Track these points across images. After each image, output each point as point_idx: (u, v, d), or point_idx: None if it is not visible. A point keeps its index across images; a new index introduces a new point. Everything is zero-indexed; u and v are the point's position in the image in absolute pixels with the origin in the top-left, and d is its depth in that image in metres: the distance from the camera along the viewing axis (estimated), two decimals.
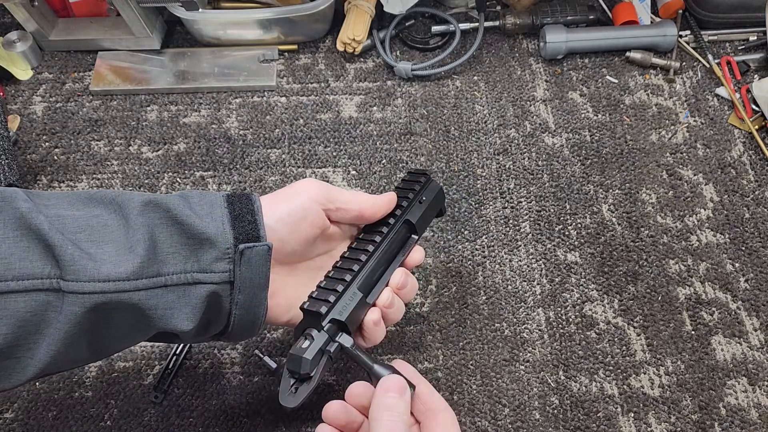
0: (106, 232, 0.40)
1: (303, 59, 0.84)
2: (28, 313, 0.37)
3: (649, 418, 0.60)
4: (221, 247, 0.42)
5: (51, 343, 0.38)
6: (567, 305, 0.65)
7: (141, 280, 0.39)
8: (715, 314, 0.65)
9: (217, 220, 0.43)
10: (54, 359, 0.39)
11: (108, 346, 0.43)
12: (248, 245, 0.42)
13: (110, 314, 0.40)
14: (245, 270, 0.43)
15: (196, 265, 0.42)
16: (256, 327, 0.46)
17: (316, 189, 0.47)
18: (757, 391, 0.61)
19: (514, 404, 0.60)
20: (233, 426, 0.59)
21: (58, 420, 0.60)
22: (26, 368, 0.39)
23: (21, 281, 0.36)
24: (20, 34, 0.82)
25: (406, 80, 0.82)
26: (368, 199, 0.49)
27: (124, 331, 0.42)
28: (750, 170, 0.74)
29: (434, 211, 0.55)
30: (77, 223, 0.40)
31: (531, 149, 0.76)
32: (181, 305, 0.41)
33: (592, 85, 0.81)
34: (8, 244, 0.37)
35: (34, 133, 0.78)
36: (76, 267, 0.37)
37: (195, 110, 0.80)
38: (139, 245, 0.40)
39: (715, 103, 0.79)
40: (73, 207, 0.41)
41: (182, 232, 0.42)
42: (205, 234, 0.42)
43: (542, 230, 0.70)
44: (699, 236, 0.70)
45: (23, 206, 0.38)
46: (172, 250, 0.41)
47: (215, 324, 0.45)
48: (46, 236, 0.37)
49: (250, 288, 0.43)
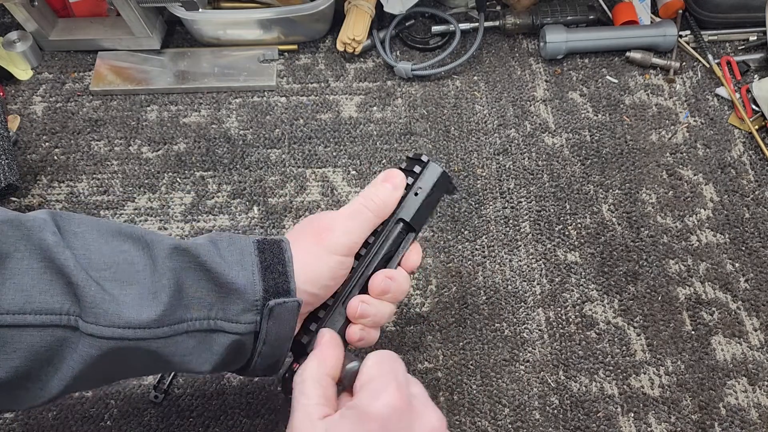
0: (131, 271, 0.39)
1: (303, 59, 0.84)
2: (42, 347, 0.36)
3: (649, 418, 0.60)
4: (250, 299, 0.41)
5: (62, 378, 0.38)
6: (567, 305, 0.65)
7: (162, 328, 0.39)
8: (715, 314, 0.65)
9: (247, 269, 0.41)
10: (64, 391, 0.39)
11: (119, 379, 0.43)
12: (278, 301, 0.41)
13: (126, 357, 0.39)
14: (272, 325, 0.42)
15: (221, 313, 0.41)
16: (276, 369, 0.46)
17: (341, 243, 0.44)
18: (757, 391, 0.61)
19: (514, 404, 0.60)
20: (233, 426, 0.59)
21: (58, 420, 0.60)
22: (36, 398, 0.38)
23: (39, 315, 0.36)
24: (20, 34, 0.82)
25: (406, 80, 0.82)
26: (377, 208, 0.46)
27: (138, 370, 0.42)
28: (750, 170, 0.74)
29: (436, 198, 0.50)
30: (103, 259, 0.39)
31: (531, 149, 0.76)
32: (200, 351, 0.41)
33: (592, 85, 0.81)
34: (31, 275, 0.36)
35: (34, 133, 0.78)
36: (97, 310, 0.37)
37: (195, 110, 0.80)
38: (164, 291, 0.39)
39: (715, 103, 0.79)
40: (102, 238, 0.40)
41: (210, 279, 0.41)
42: (234, 284, 0.41)
43: (542, 230, 0.70)
44: (699, 236, 0.70)
45: (50, 239, 0.37)
46: (198, 296, 0.40)
47: (234, 365, 0.45)
48: (70, 273, 0.36)
49: (276, 340, 0.43)
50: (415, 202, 0.48)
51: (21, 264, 0.36)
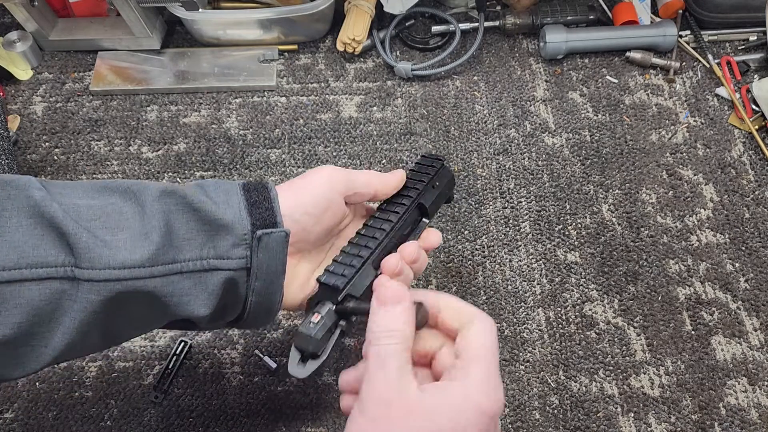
0: (121, 219, 0.40)
1: (303, 59, 0.84)
2: (42, 301, 0.37)
3: (649, 418, 0.60)
4: (238, 233, 0.42)
5: (65, 332, 0.38)
6: (567, 305, 0.65)
7: (156, 266, 0.39)
8: (715, 314, 0.65)
9: (234, 206, 0.42)
10: (68, 348, 0.39)
11: (122, 333, 0.43)
12: (266, 231, 0.42)
13: (126, 302, 0.39)
14: (262, 256, 0.42)
15: (212, 252, 0.41)
16: (272, 313, 0.46)
17: (337, 178, 0.47)
18: (757, 391, 0.61)
19: (514, 404, 0.60)
20: (233, 426, 0.59)
21: (58, 420, 0.60)
22: (40, 356, 0.38)
23: (35, 269, 0.36)
24: (20, 34, 0.82)
25: (406, 80, 0.82)
26: (380, 180, 0.49)
27: (139, 318, 0.42)
28: (750, 170, 0.74)
29: (445, 197, 0.55)
30: (92, 211, 0.39)
31: (531, 149, 0.76)
32: (197, 292, 0.41)
33: (592, 85, 0.81)
34: (22, 232, 0.37)
35: (34, 133, 0.78)
36: (91, 255, 0.37)
37: (195, 110, 0.80)
38: (155, 232, 0.39)
39: (715, 103, 0.79)
40: (88, 195, 0.41)
41: (198, 219, 0.41)
42: (222, 220, 0.41)
43: (542, 230, 0.70)
44: (699, 236, 0.70)
45: (37, 194, 0.38)
46: (188, 237, 0.41)
47: (231, 310, 0.45)
48: (60, 224, 0.37)
49: (267, 274, 0.43)
50: (433, 194, 0.53)
51: (10, 222, 0.37)
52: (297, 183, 0.46)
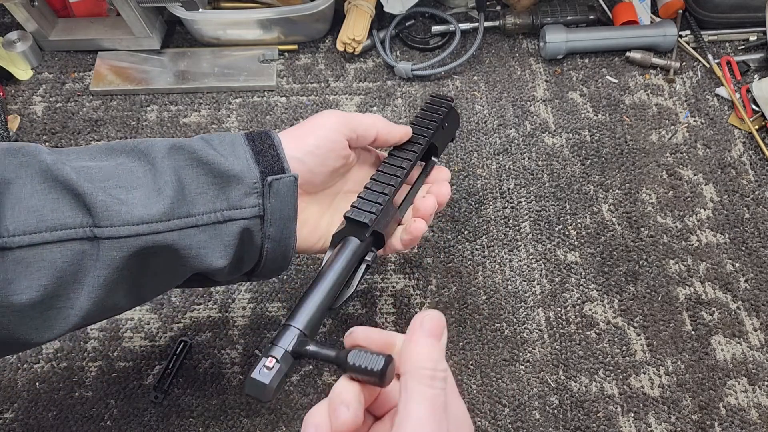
0: (133, 178, 0.40)
1: (303, 59, 0.84)
2: (65, 263, 0.37)
3: (649, 418, 0.60)
4: (248, 182, 0.43)
5: (91, 292, 0.38)
6: (567, 305, 0.65)
7: (173, 220, 0.40)
8: (715, 314, 0.65)
9: (241, 157, 0.43)
10: (94, 307, 0.39)
11: (146, 291, 0.43)
12: (275, 177, 0.43)
13: (146, 258, 0.40)
14: (274, 202, 0.43)
15: (225, 203, 0.42)
16: (287, 259, 0.47)
17: (339, 119, 0.48)
18: (757, 391, 0.61)
19: (514, 404, 0.60)
20: (233, 426, 0.59)
21: (58, 420, 0.60)
22: (68, 318, 0.39)
23: (55, 232, 0.37)
24: (20, 34, 0.82)
25: (406, 80, 0.82)
26: (384, 125, 0.51)
27: (160, 274, 0.42)
28: (750, 170, 0.74)
29: (450, 136, 0.58)
30: (103, 172, 0.40)
31: (531, 149, 0.76)
32: (214, 244, 0.42)
33: (592, 85, 0.81)
34: (38, 197, 0.37)
35: (34, 133, 0.78)
36: (109, 212, 0.38)
37: (195, 110, 0.80)
38: (168, 187, 0.40)
39: (715, 103, 0.79)
40: (96, 159, 0.41)
41: (208, 172, 0.42)
42: (231, 171, 0.42)
43: (542, 230, 0.70)
44: (699, 236, 0.70)
45: (48, 158, 0.38)
46: (200, 191, 0.42)
47: (248, 260, 0.46)
48: (75, 186, 0.38)
49: (280, 220, 0.44)
50: (442, 135, 0.56)
51: (25, 189, 0.37)
52: (300, 128, 0.48)
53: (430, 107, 0.57)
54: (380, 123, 0.51)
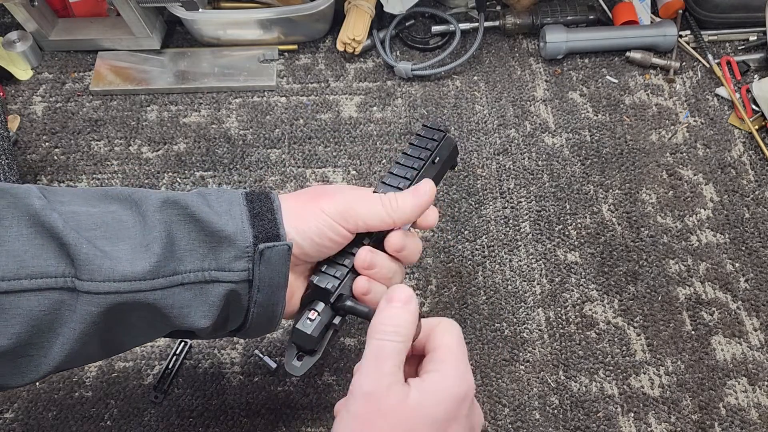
0: (121, 229, 0.39)
1: (303, 59, 0.84)
2: (41, 312, 0.36)
3: (649, 418, 0.60)
4: (240, 245, 0.41)
5: (65, 343, 0.38)
6: (567, 305, 0.65)
7: (157, 279, 0.39)
8: (715, 314, 0.65)
9: (236, 218, 0.42)
10: (67, 358, 0.38)
11: (122, 344, 0.42)
12: (268, 245, 0.41)
13: (126, 314, 0.39)
14: (264, 270, 0.42)
15: (214, 263, 0.41)
16: (273, 323, 0.46)
17: (338, 210, 0.44)
18: (757, 391, 0.61)
19: (514, 404, 0.60)
20: (233, 426, 0.59)
21: (58, 420, 0.60)
22: (39, 366, 0.38)
23: (34, 279, 0.36)
24: (20, 34, 0.82)
25: (406, 80, 0.82)
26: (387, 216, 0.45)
27: (139, 329, 0.41)
28: (750, 170, 0.74)
29: (446, 168, 0.54)
30: (92, 220, 0.39)
31: (531, 149, 0.76)
32: (197, 303, 0.41)
33: (592, 85, 0.81)
34: (22, 241, 0.36)
35: (34, 133, 0.78)
36: (92, 266, 0.37)
37: (195, 110, 0.80)
38: (156, 243, 0.39)
39: (715, 103, 0.79)
40: (88, 203, 0.40)
41: (200, 230, 0.41)
42: (224, 232, 0.41)
43: (542, 230, 0.70)
44: (699, 236, 0.70)
45: (37, 203, 0.37)
46: (189, 248, 0.40)
47: (233, 321, 0.45)
48: (60, 234, 0.37)
49: (269, 287, 0.43)
50: (434, 168, 0.51)
51: (10, 231, 0.36)
52: (305, 202, 0.45)
53: (420, 139, 0.52)
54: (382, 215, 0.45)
